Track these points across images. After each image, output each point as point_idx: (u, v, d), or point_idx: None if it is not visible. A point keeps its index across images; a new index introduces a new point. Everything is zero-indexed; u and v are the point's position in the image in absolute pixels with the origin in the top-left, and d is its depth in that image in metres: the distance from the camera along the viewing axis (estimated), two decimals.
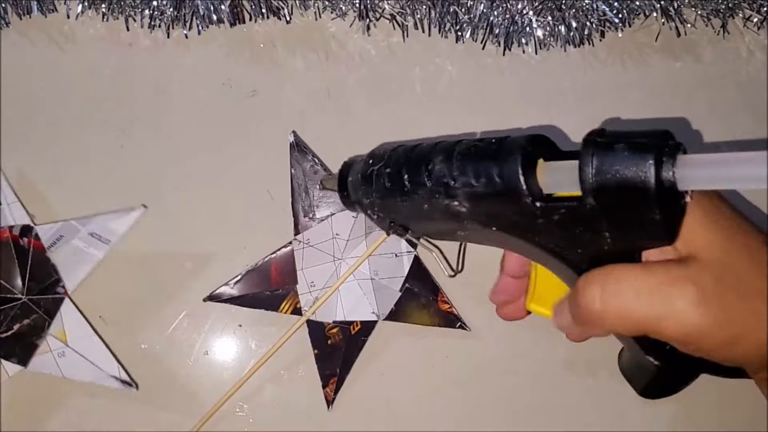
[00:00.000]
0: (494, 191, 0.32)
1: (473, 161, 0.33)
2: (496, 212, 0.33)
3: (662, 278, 0.30)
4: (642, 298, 0.30)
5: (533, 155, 0.31)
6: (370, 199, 0.39)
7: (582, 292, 0.32)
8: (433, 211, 0.36)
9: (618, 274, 0.31)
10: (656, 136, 0.28)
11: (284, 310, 0.47)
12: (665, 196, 0.28)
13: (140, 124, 0.49)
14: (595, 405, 0.48)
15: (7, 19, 0.49)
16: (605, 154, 0.28)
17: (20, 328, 0.45)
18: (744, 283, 0.30)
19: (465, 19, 0.49)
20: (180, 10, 0.48)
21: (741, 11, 0.51)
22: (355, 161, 0.41)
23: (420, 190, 0.35)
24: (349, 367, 0.47)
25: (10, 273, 0.45)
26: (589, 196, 0.29)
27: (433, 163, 0.34)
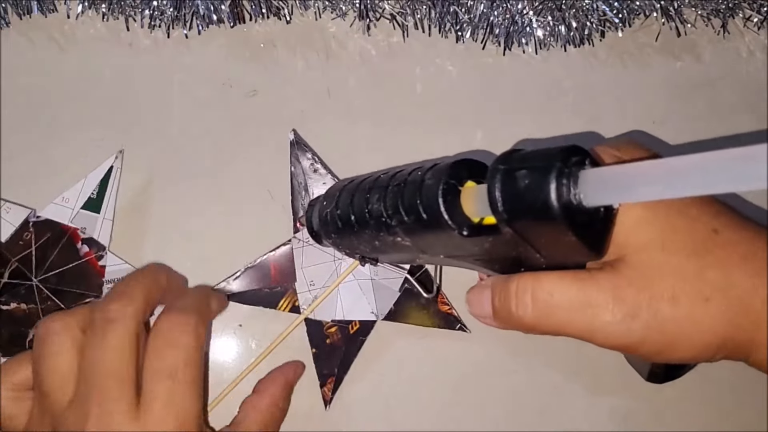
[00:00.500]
0: (424, 226, 0.32)
1: (402, 197, 0.32)
2: (434, 243, 0.33)
3: (590, 291, 0.30)
4: (571, 313, 0.30)
5: (456, 182, 0.31)
6: (332, 238, 0.40)
7: (513, 299, 0.32)
8: (385, 246, 0.36)
9: (549, 285, 0.31)
10: (557, 156, 0.27)
11: (283, 308, 0.47)
12: (578, 215, 0.27)
13: (140, 124, 0.49)
14: (596, 405, 0.48)
15: (7, 19, 0.49)
16: (508, 184, 0.28)
17: (15, 309, 0.45)
18: (678, 282, 0.29)
19: (465, 19, 0.49)
20: (180, 10, 0.48)
21: (741, 11, 0.51)
22: (317, 201, 0.42)
23: (367, 229, 0.35)
24: (347, 367, 0.47)
25: (44, 256, 0.45)
26: (505, 226, 0.28)
27: (371, 203, 0.35)
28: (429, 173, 0.32)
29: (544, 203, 0.26)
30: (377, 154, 0.49)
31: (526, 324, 0.32)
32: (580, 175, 0.26)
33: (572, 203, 0.26)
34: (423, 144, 0.49)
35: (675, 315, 0.29)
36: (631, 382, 0.49)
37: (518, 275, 0.32)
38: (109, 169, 0.47)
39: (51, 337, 0.38)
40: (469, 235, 0.30)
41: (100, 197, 0.46)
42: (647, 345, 0.30)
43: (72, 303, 0.45)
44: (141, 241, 0.48)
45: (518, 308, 0.32)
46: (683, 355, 0.30)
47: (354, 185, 0.37)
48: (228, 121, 0.49)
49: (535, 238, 0.29)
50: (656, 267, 0.30)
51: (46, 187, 0.47)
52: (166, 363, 0.37)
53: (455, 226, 0.30)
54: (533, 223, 0.28)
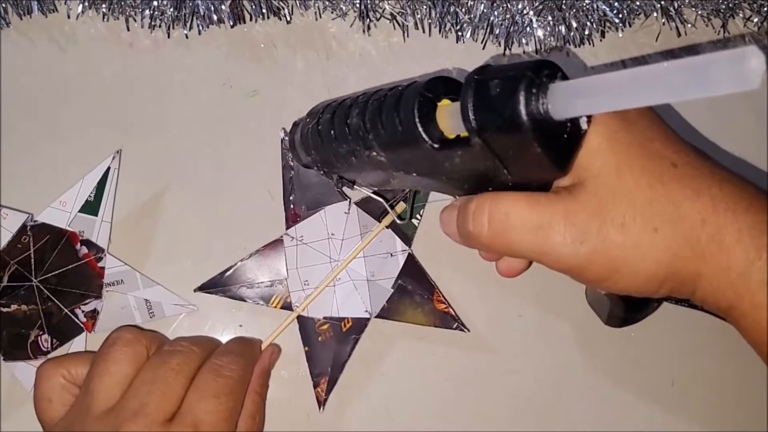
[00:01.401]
0: (399, 139, 0.32)
1: (381, 112, 0.33)
2: (408, 159, 0.33)
3: (543, 214, 0.30)
4: (524, 234, 0.31)
5: (432, 99, 0.31)
6: (311, 156, 0.40)
7: (471, 218, 0.33)
8: (361, 163, 0.36)
9: (505, 206, 0.31)
10: (528, 67, 0.27)
11: (274, 304, 0.47)
12: (545, 128, 0.27)
13: (140, 124, 0.49)
14: (596, 405, 0.48)
15: (7, 19, 0.49)
16: (481, 93, 0.28)
17: (16, 311, 0.45)
18: (629, 210, 0.30)
19: (465, 19, 0.49)
20: (180, 10, 0.48)
21: (741, 11, 0.51)
22: (301, 121, 0.42)
23: (344, 144, 0.36)
24: (341, 367, 0.47)
25: (42, 258, 0.45)
26: (475, 136, 0.29)
27: (351, 117, 0.35)
28: (408, 88, 0.32)
29: (512, 112, 0.27)
30: None
31: (482, 242, 0.33)
32: (550, 87, 0.27)
33: (540, 113, 0.27)
34: None
35: (622, 242, 0.30)
36: (631, 382, 0.49)
37: (479, 195, 0.33)
38: (107, 171, 0.47)
39: (118, 345, 0.40)
40: (441, 148, 0.31)
41: (98, 199, 0.46)
42: (593, 270, 0.31)
43: (72, 304, 0.45)
44: (141, 241, 0.48)
45: (474, 227, 0.33)
46: (627, 284, 0.31)
47: (336, 103, 0.38)
48: (228, 121, 0.49)
49: (503, 151, 0.29)
50: (610, 193, 0.30)
51: (45, 188, 0.47)
52: (211, 387, 0.39)
53: (428, 138, 0.31)
54: (501, 134, 0.28)
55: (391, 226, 0.47)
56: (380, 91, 0.35)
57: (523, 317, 0.48)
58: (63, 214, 0.46)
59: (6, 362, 0.45)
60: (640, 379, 0.49)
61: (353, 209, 0.47)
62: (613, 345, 0.48)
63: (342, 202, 0.47)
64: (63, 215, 0.46)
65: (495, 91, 0.27)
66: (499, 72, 0.28)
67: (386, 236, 0.47)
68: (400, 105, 0.32)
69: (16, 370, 0.45)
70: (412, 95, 0.31)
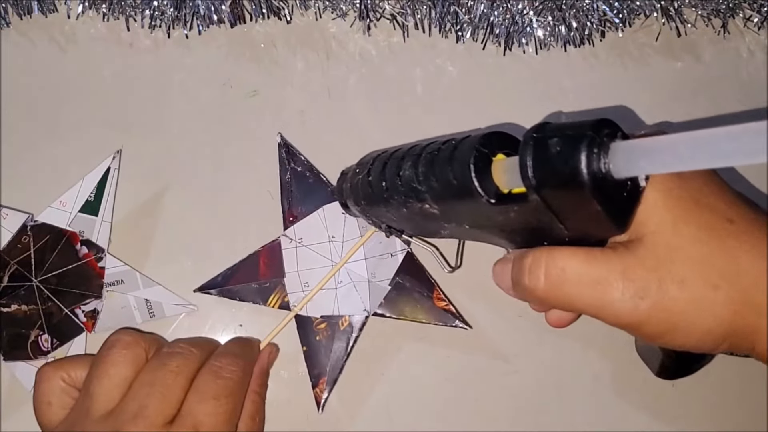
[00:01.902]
0: (454, 193, 0.32)
1: (434, 165, 0.33)
2: (461, 211, 0.34)
3: (601, 269, 0.30)
4: (582, 289, 0.31)
5: (488, 153, 0.32)
6: (361, 206, 0.40)
7: (527, 272, 0.32)
8: (412, 214, 0.37)
9: (562, 261, 0.31)
10: (589, 126, 0.27)
11: (272, 304, 0.47)
12: (606, 186, 0.27)
13: (140, 124, 0.49)
14: (596, 405, 0.48)
15: (7, 19, 0.49)
16: (541, 151, 0.28)
17: (16, 311, 0.45)
18: (688, 267, 0.30)
19: (465, 19, 0.49)
20: (180, 10, 0.48)
21: (741, 11, 0.51)
22: (350, 170, 0.43)
23: (396, 196, 0.36)
24: (340, 367, 0.47)
25: (43, 258, 0.45)
26: (533, 193, 0.29)
27: (404, 169, 0.35)
28: (462, 142, 0.32)
29: (573, 170, 0.27)
30: None
31: (537, 296, 0.33)
32: (612, 146, 0.27)
33: (601, 172, 0.27)
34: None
35: (682, 298, 0.30)
36: (631, 382, 0.49)
37: (534, 249, 0.33)
38: (107, 171, 0.47)
39: (117, 348, 0.40)
40: (497, 203, 0.31)
41: (98, 199, 0.46)
42: (652, 325, 0.30)
43: (73, 304, 0.45)
44: (141, 241, 0.48)
45: (530, 281, 0.32)
46: (686, 341, 0.31)
47: (387, 155, 0.38)
48: (228, 121, 0.49)
49: (561, 208, 0.29)
50: (668, 249, 0.30)
51: (45, 188, 0.47)
52: (211, 389, 0.39)
53: (483, 193, 0.31)
54: (561, 191, 0.28)
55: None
56: (432, 143, 0.35)
57: (524, 318, 0.48)
58: (63, 214, 0.46)
59: (6, 362, 0.45)
60: (640, 379, 0.49)
61: None
62: (613, 345, 0.48)
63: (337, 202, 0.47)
64: (63, 215, 0.46)
65: (555, 149, 0.28)
66: (558, 130, 0.28)
67: (385, 237, 0.47)
68: (455, 159, 0.32)
69: (16, 370, 0.45)
70: (467, 149, 0.32)
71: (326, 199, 0.48)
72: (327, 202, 0.47)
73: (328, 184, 0.48)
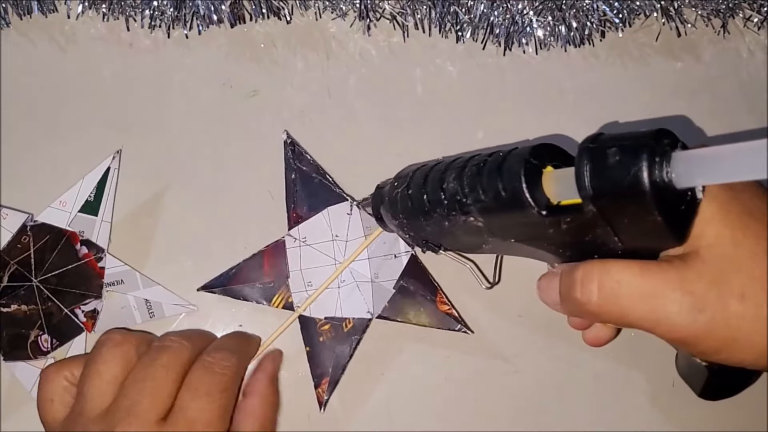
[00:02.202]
0: (502, 205, 0.32)
1: (481, 177, 0.33)
2: (508, 225, 0.33)
3: (657, 281, 0.30)
4: (637, 302, 0.30)
5: (538, 165, 0.31)
6: (399, 220, 0.40)
7: (578, 286, 0.32)
8: (454, 228, 0.36)
9: (617, 274, 0.31)
10: (649, 136, 0.27)
11: (276, 304, 0.47)
12: (666, 196, 0.27)
13: (140, 124, 0.49)
14: (596, 406, 0.48)
15: (7, 19, 0.49)
16: (598, 160, 0.28)
17: (16, 311, 0.45)
18: (748, 280, 0.29)
19: (465, 20, 0.49)
20: (180, 10, 0.48)
21: (741, 11, 0.51)
22: (386, 184, 0.42)
23: (438, 209, 0.36)
24: (343, 368, 0.47)
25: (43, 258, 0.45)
26: (589, 203, 0.29)
27: (447, 182, 0.35)
28: (511, 154, 0.32)
29: (634, 179, 0.27)
30: (377, 154, 0.49)
31: (589, 309, 0.32)
32: (673, 155, 0.27)
33: (663, 182, 0.27)
34: (423, 144, 0.49)
35: (742, 313, 0.29)
36: (631, 382, 0.49)
37: (584, 263, 0.32)
38: (107, 171, 0.47)
39: (107, 346, 0.41)
40: (548, 215, 0.31)
41: (98, 200, 0.46)
42: (710, 340, 0.30)
43: (72, 304, 0.45)
44: (141, 241, 0.48)
45: (582, 295, 0.32)
46: (744, 356, 0.30)
47: (427, 168, 0.38)
48: (228, 121, 0.49)
49: (618, 219, 0.29)
50: (726, 263, 0.29)
51: (45, 188, 0.47)
52: (204, 384, 0.39)
53: (535, 204, 0.31)
54: (620, 201, 0.28)
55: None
56: (476, 156, 0.35)
57: (524, 318, 0.48)
58: (63, 214, 0.46)
59: (6, 362, 0.45)
60: (641, 379, 0.49)
61: (355, 211, 0.47)
62: (613, 345, 0.48)
63: (344, 203, 0.47)
64: (63, 215, 0.46)
65: (614, 158, 0.27)
66: (615, 140, 0.28)
67: (390, 238, 0.47)
68: (504, 170, 0.32)
69: (16, 370, 0.45)
70: (517, 161, 0.31)
71: (331, 200, 0.47)
72: (332, 203, 0.47)
73: (334, 185, 0.47)
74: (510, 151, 0.33)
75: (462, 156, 0.36)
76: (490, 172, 0.33)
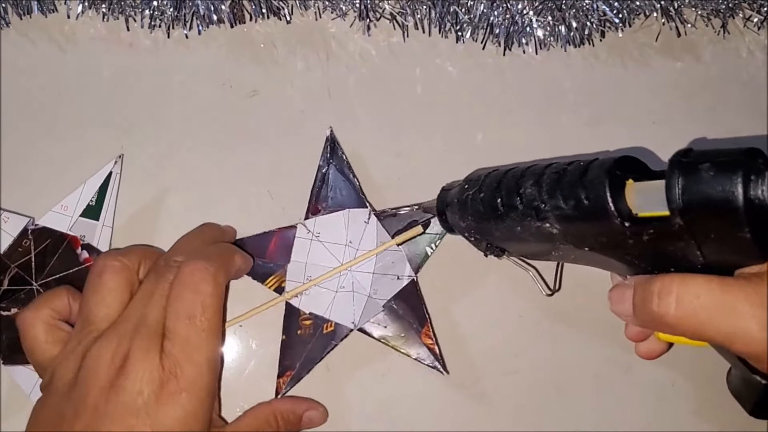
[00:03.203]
0: (583, 213, 0.33)
1: (562, 184, 0.34)
2: (586, 233, 0.34)
3: (738, 297, 0.30)
4: (715, 316, 0.31)
5: (621, 176, 0.32)
6: (467, 222, 0.40)
7: (656, 298, 0.32)
8: (526, 234, 0.37)
9: (696, 288, 0.31)
10: (743, 154, 0.28)
11: (270, 285, 0.47)
12: (756, 214, 0.27)
13: (140, 124, 0.49)
14: (596, 406, 0.49)
15: (7, 19, 0.49)
16: (691, 174, 0.28)
17: (16, 314, 0.45)
18: None
19: (465, 19, 0.49)
20: (180, 10, 0.48)
21: (741, 11, 0.51)
22: (453, 186, 0.43)
23: (512, 213, 0.36)
24: (310, 366, 0.46)
25: (43, 262, 0.45)
26: (677, 216, 0.29)
27: (524, 187, 0.36)
28: (593, 164, 0.33)
29: (729, 195, 0.27)
30: (377, 154, 0.49)
31: (666, 322, 0.32)
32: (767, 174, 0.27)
33: (758, 199, 0.27)
34: (423, 144, 0.49)
35: None
36: (631, 382, 0.49)
37: (662, 275, 0.33)
38: (108, 175, 0.47)
39: (108, 273, 0.40)
40: (631, 226, 0.31)
41: (99, 204, 0.46)
42: None
43: None
44: (141, 243, 0.48)
45: (660, 307, 0.32)
46: None
47: (500, 172, 0.38)
48: (228, 121, 0.49)
49: (704, 234, 0.29)
50: None
51: (46, 190, 0.47)
52: (185, 306, 0.39)
53: (619, 215, 0.31)
54: (710, 216, 0.28)
55: (403, 247, 0.47)
56: (554, 164, 0.35)
57: (524, 318, 0.49)
58: (64, 218, 0.46)
59: (6, 366, 0.45)
60: (641, 379, 0.49)
61: (372, 220, 0.47)
62: (613, 345, 0.48)
63: (364, 210, 0.47)
64: (64, 219, 0.46)
65: (708, 174, 0.28)
66: (707, 156, 0.29)
67: (398, 258, 0.47)
68: (586, 179, 0.32)
69: (16, 374, 0.45)
70: (601, 171, 0.32)
71: (353, 203, 0.48)
72: (353, 206, 0.48)
73: (361, 190, 0.48)
74: (591, 161, 0.33)
75: (538, 162, 0.37)
76: (572, 180, 0.33)
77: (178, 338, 0.38)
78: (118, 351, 0.37)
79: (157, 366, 0.37)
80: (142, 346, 0.37)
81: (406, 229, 0.47)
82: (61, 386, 0.38)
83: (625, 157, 0.33)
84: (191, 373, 0.37)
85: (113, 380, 0.37)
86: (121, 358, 0.37)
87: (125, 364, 0.37)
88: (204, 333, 0.38)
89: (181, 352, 0.37)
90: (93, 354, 0.38)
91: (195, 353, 0.38)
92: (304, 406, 0.46)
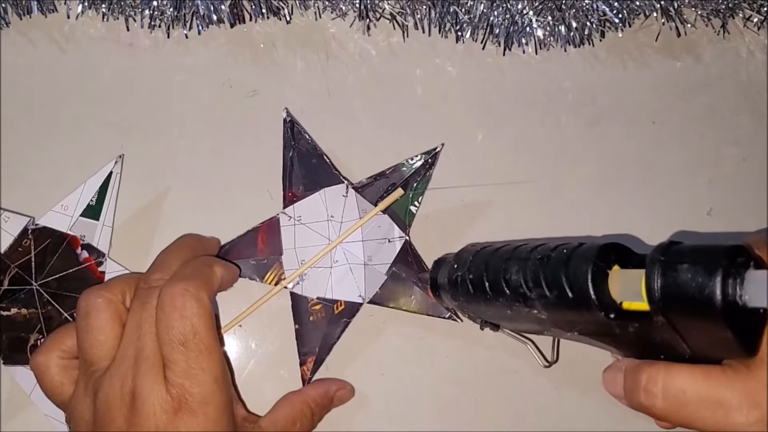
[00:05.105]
0: (568, 303, 0.32)
1: (545, 272, 0.33)
2: (574, 320, 0.34)
3: (723, 391, 0.30)
4: (702, 410, 0.31)
5: (604, 265, 0.32)
6: (458, 301, 0.40)
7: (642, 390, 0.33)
8: (517, 316, 0.37)
9: (681, 382, 0.31)
10: (723, 254, 0.27)
11: (269, 280, 0.47)
12: (738, 314, 0.27)
13: (140, 124, 0.49)
14: (597, 406, 0.49)
15: (7, 19, 0.49)
16: (670, 275, 0.28)
17: (16, 314, 0.45)
18: None
19: (465, 19, 0.49)
20: (180, 10, 0.48)
21: (741, 11, 0.51)
22: (444, 261, 0.43)
23: (501, 298, 0.36)
24: (329, 348, 0.47)
25: (43, 262, 0.45)
26: (659, 314, 0.29)
27: (510, 273, 0.35)
28: (576, 252, 0.32)
29: (707, 298, 0.27)
30: (377, 154, 0.49)
31: (654, 413, 0.33)
32: (747, 275, 0.27)
33: (736, 302, 0.27)
34: (423, 144, 0.49)
35: None
36: None
37: (648, 365, 0.33)
38: (109, 175, 0.47)
39: (95, 313, 0.40)
40: (615, 319, 0.31)
41: (99, 204, 0.46)
42: None
43: (72, 308, 0.45)
44: (141, 243, 0.48)
45: (647, 399, 0.33)
46: None
47: (488, 252, 0.38)
48: (228, 121, 0.49)
49: (687, 331, 0.29)
50: None
51: (46, 190, 0.47)
52: (175, 334, 0.38)
53: (602, 308, 0.31)
54: (690, 316, 0.28)
55: (387, 211, 0.47)
56: (540, 246, 0.35)
57: None
58: (64, 218, 0.46)
59: (6, 366, 0.45)
60: None
61: (351, 193, 0.47)
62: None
63: (340, 185, 0.47)
64: (64, 219, 0.46)
65: (686, 275, 0.28)
66: (687, 255, 0.28)
67: (384, 221, 0.47)
68: (569, 270, 0.32)
69: (16, 374, 0.45)
70: (583, 261, 0.31)
71: (328, 182, 0.47)
72: (328, 184, 0.47)
73: (332, 166, 0.47)
74: (575, 249, 0.33)
75: (526, 243, 0.36)
76: (555, 269, 0.33)
77: (178, 366, 0.37)
78: (123, 390, 0.37)
79: (165, 397, 0.37)
80: (146, 382, 0.37)
81: (387, 194, 0.47)
82: (84, 428, 0.39)
83: (609, 245, 0.32)
84: (201, 394, 0.37)
85: (128, 418, 0.37)
86: (129, 395, 0.37)
87: (134, 402, 0.37)
88: (202, 354, 0.38)
89: (185, 379, 0.37)
90: (101, 398, 0.38)
91: (199, 375, 0.38)
92: (334, 387, 0.46)
